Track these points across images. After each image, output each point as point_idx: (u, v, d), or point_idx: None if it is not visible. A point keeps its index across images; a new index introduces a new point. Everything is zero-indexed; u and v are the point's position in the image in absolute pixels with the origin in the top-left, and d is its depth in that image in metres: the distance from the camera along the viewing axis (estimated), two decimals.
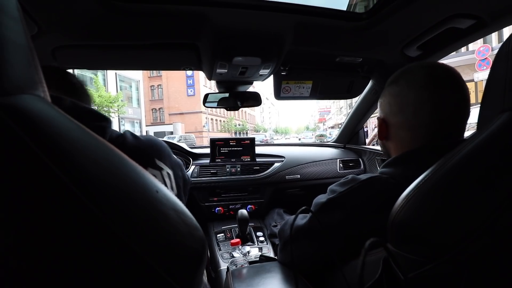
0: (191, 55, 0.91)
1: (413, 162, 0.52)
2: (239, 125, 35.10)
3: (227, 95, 1.23)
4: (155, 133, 23.49)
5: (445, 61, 0.80)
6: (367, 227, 0.50)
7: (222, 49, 0.83)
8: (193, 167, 1.41)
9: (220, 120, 32.16)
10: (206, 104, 1.23)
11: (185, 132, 23.13)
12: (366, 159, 1.60)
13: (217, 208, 1.40)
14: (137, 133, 0.62)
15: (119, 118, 16.70)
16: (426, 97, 0.50)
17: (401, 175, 0.51)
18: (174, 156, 0.71)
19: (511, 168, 0.31)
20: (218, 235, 1.28)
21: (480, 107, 0.40)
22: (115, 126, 16.76)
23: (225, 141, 1.46)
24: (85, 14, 0.67)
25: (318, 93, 1.24)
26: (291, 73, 1.13)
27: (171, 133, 21.75)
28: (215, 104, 1.27)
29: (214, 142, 1.45)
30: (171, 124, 24.32)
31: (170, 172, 0.64)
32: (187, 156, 1.45)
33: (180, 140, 16.75)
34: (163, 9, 0.69)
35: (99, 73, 14.70)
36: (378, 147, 1.58)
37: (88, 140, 0.23)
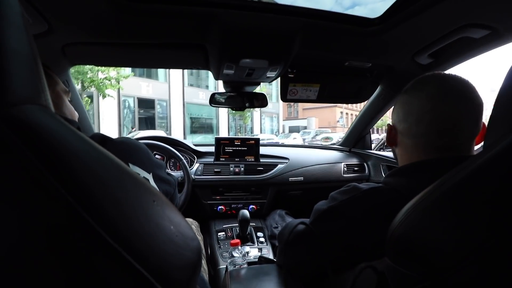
0: (199, 55, 0.91)
1: (417, 174, 0.52)
2: None
3: (234, 95, 1.23)
4: (290, 127, 23.60)
5: None
6: (367, 238, 0.50)
7: (230, 51, 0.83)
8: (197, 165, 1.43)
9: (356, 115, 29.90)
10: (213, 104, 1.24)
11: (318, 127, 22.36)
12: (371, 164, 1.59)
13: (220, 207, 1.41)
14: (275, 127, 0.59)
15: (260, 112, 17.51)
16: (429, 108, 0.51)
17: (405, 186, 0.51)
18: (154, 157, 0.70)
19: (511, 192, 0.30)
20: (219, 234, 1.29)
21: (488, 126, 0.39)
22: (256, 120, 17.51)
23: (230, 140, 1.47)
24: (95, 13, 0.68)
25: (326, 97, 1.23)
26: (298, 75, 1.12)
27: (305, 127, 21.45)
28: (222, 104, 1.27)
29: (219, 141, 1.46)
30: (305, 118, 24.11)
31: (148, 175, 0.63)
32: (192, 153, 1.46)
33: (317, 134, 16.06)
34: (172, 10, 0.69)
35: None
36: (384, 153, 1.56)
37: (88, 150, 0.23)
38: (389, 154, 1.49)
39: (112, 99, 9.47)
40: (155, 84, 12.37)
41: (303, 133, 16.18)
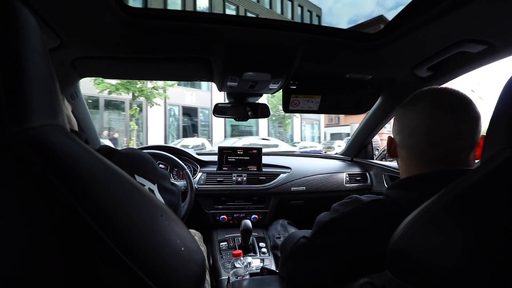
0: (203, 68, 0.94)
1: (418, 187, 0.52)
2: None
3: (237, 105, 1.25)
4: (331, 134, 23.24)
5: None
6: (369, 250, 0.50)
7: (233, 65, 0.85)
8: (200, 174, 1.44)
9: None
10: (216, 114, 1.26)
11: None
12: (374, 174, 1.59)
13: (222, 216, 1.41)
14: (315, 134, 0.59)
15: (301, 119, 17.55)
16: (420, 121, 0.53)
17: (406, 199, 0.51)
18: (159, 168, 0.70)
19: (510, 206, 0.31)
20: (221, 244, 1.29)
21: (485, 140, 0.40)
22: (296, 127, 17.36)
23: (233, 150, 1.49)
24: (105, 29, 0.71)
25: (327, 108, 1.25)
26: (300, 87, 1.14)
27: (348, 134, 20.41)
28: (225, 114, 1.29)
29: (221, 151, 1.47)
30: (347, 125, 22.88)
31: (153, 187, 0.64)
32: (195, 163, 1.48)
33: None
34: (178, 26, 0.72)
35: None
36: (386, 163, 1.56)
37: (101, 167, 0.25)
38: (391, 164, 1.50)
39: (158, 108, 10.06)
40: (198, 93, 12.84)
41: (346, 141, 15.67)
